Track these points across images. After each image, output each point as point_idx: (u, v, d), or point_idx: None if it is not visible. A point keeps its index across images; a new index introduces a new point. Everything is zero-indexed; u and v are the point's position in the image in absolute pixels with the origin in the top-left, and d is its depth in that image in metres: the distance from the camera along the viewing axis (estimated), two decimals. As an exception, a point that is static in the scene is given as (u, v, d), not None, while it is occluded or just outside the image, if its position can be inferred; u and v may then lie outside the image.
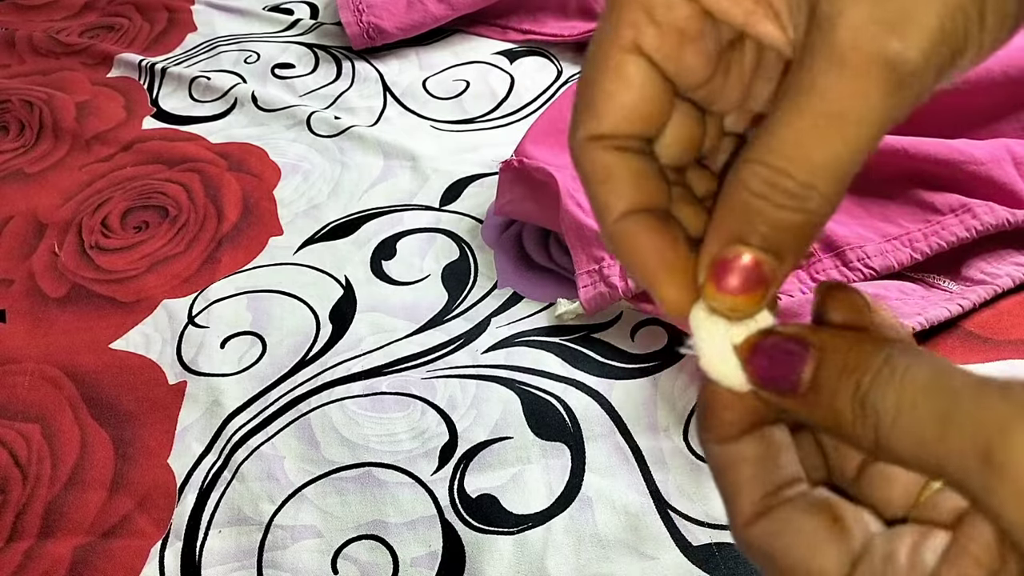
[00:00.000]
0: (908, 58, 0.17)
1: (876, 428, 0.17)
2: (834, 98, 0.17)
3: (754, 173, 0.18)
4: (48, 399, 0.52)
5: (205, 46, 0.85)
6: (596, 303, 0.50)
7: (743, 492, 0.20)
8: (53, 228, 0.65)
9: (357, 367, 0.52)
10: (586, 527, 0.44)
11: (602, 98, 0.20)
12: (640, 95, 0.20)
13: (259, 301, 0.58)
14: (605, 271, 0.50)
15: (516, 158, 0.57)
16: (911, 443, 0.17)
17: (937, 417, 0.17)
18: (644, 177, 0.21)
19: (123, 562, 0.44)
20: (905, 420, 0.17)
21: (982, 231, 0.49)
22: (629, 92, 0.20)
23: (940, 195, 0.51)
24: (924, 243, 0.49)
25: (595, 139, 0.20)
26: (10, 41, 0.87)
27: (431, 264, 0.59)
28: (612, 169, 0.20)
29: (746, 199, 0.18)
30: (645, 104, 0.20)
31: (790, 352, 0.19)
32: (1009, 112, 0.55)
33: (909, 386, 0.17)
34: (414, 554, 0.44)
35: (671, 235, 0.20)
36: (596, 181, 0.21)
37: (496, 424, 0.49)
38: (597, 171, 0.20)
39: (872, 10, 0.17)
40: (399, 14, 0.80)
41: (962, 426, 0.16)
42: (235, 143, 0.72)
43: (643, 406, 0.49)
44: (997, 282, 0.49)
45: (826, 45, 0.17)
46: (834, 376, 0.18)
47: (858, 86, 0.17)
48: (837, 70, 0.17)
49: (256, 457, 0.48)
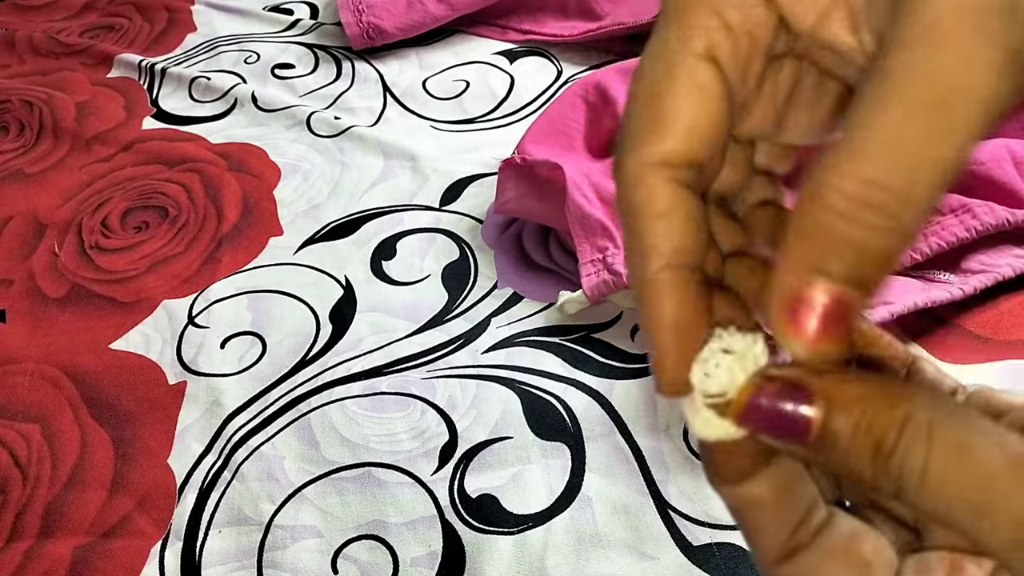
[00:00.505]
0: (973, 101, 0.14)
1: (900, 488, 0.16)
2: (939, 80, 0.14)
3: (836, 188, 0.15)
4: (48, 399, 0.52)
5: (205, 46, 0.85)
6: (599, 291, 0.50)
7: (766, 535, 0.19)
8: (53, 228, 0.65)
9: (357, 367, 0.52)
10: (586, 527, 0.44)
11: (671, 111, 0.17)
12: (712, 111, 0.18)
13: (259, 301, 0.58)
14: (608, 259, 0.50)
15: (518, 155, 0.57)
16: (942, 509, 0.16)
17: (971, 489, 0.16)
18: (697, 224, 0.18)
19: (123, 562, 0.44)
20: (934, 487, 0.16)
21: (982, 231, 0.49)
22: (702, 106, 0.17)
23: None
24: (923, 243, 0.49)
25: (659, 165, 0.18)
26: (10, 41, 0.87)
27: (431, 264, 0.59)
28: (671, 207, 0.18)
29: (826, 222, 0.15)
30: (715, 121, 0.18)
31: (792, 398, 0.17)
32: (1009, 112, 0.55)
33: (937, 451, 0.16)
34: (414, 554, 0.44)
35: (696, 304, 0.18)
36: (650, 216, 0.18)
37: (496, 424, 0.49)
38: (653, 205, 0.18)
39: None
40: (399, 14, 0.80)
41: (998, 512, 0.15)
42: (235, 143, 0.72)
43: (643, 406, 0.49)
44: (997, 270, 0.49)
45: (922, 24, 0.14)
46: (847, 431, 0.17)
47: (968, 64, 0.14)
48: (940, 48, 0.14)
49: (256, 457, 0.48)
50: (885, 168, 0.14)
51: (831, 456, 0.17)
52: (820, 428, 0.17)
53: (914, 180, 0.14)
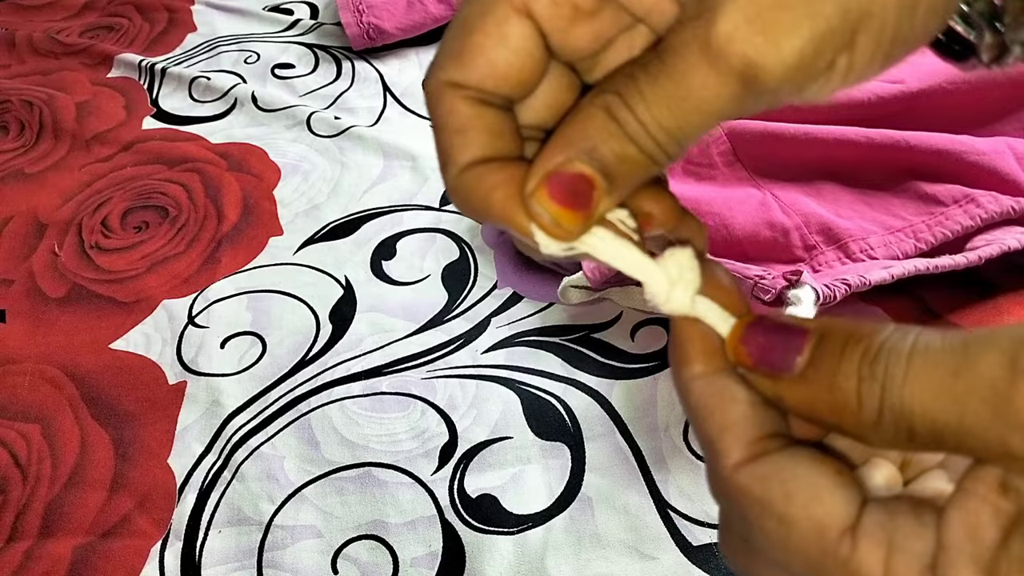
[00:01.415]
0: (770, 69, 0.17)
1: (883, 392, 0.17)
2: (693, 85, 0.18)
3: (615, 103, 0.18)
4: (48, 399, 0.52)
5: (205, 46, 0.85)
6: (600, 272, 0.49)
7: (733, 431, 0.19)
8: (53, 228, 0.65)
9: (357, 367, 0.52)
10: (586, 527, 0.44)
11: (474, 49, 0.19)
12: (515, 58, 0.20)
13: (259, 301, 0.58)
14: None
15: None
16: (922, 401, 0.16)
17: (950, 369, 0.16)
18: (499, 132, 0.20)
19: (123, 562, 0.44)
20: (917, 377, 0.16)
21: (987, 219, 0.48)
22: (504, 52, 0.19)
23: (942, 186, 0.50)
24: (928, 233, 0.49)
25: (457, 86, 0.20)
26: (10, 41, 0.87)
27: (431, 264, 0.59)
28: (469, 121, 0.20)
29: (602, 121, 0.18)
30: (517, 68, 0.20)
31: (787, 333, 0.18)
32: (1009, 112, 0.55)
33: (920, 346, 0.16)
34: (414, 554, 0.44)
35: (519, 167, 0.20)
36: (449, 130, 0.20)
37: (496, 424, 0.49)
38: (453, 120, 0.20)
39: (749, 13, 0.17)
40: (399, 14, 0.80)
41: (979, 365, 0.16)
42: (235, 143, 0.72)
43: (643, 406, 0.49)
44: (1003, 242, 0.47)
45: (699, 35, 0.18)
46: (836, 350, 0.18)
47: (716, 81, 0.18)
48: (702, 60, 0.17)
49: (256, 457, 0.48)
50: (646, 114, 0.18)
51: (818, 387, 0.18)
52: (809, 356, 0.18)
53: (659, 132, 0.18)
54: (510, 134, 0.20)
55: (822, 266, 0.50)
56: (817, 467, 0.18)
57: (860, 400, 0.17)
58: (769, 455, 0.19)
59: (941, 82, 0.54)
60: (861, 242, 0.49)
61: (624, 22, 0.21)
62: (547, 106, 0.21)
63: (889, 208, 0.51)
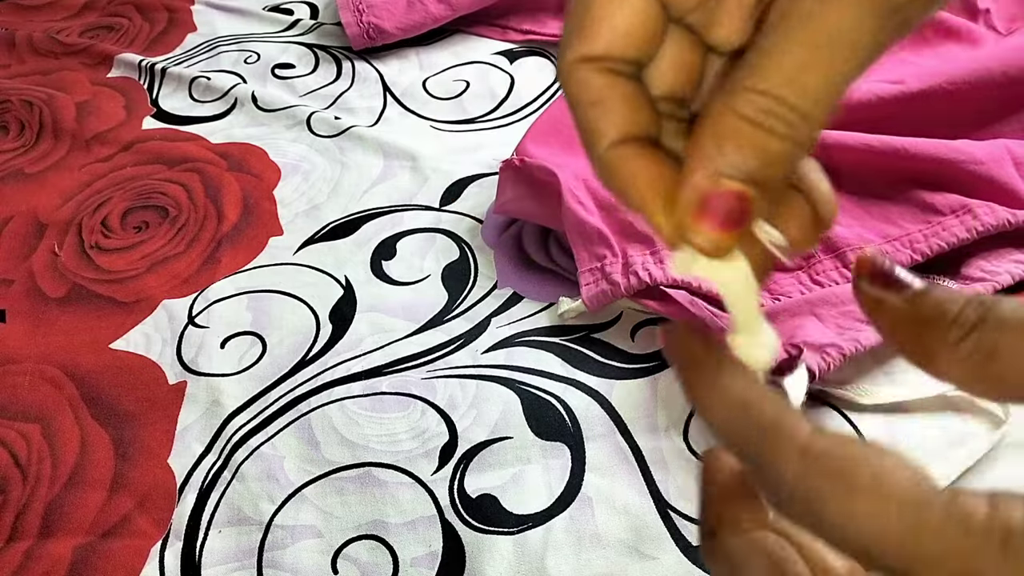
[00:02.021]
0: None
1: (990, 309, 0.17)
2: (829, 25, 0.17)
3: (749, 101, 0.18)
4: (48, 399, 0.52)
5: (205, 46, 0.85)
6: (598, 300, 0.50)
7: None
8: (53, 228, 0.65)
9: (357, 367, 0.52)
10: (586, 527, 0.44)
11: (596, 19, 0.20)
12: (635, 17, 0.20)
13: (259, 301, 0.58)
14: (607, 268, 0.50)
15: (517, 157, 0.57)
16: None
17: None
18: (636, 103, 0.20)
19: (123, 562, 0.44)
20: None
21: (983, 231, 0.49)
22: (623, 13, 0.20)
23: (940, 195, 0.51)
24: (924, 244, 0.49)
25: (586, 60, 0.20)
26: (10, 41, 0.87)
27: (431, 264, 0.59)
28: (604, 92, 0.20)
29: (738, 126, 0.18)
30: (640, 26, 0.20)
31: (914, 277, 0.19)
32: (1009, 113, 0.55)
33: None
34: (414, 554, 0.44)
35: (665, 164, 0.20)
36: (587, 104, 0.20)
37: (496, 424, 0.49)
38: (588, 93, 0.20)
39: None
40: (399, 14, 0.80)
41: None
42: (235, 143, 0.72)
43: (643, 406, 0.49)
44: (996, 279, 0.49)
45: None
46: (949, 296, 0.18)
47: (853, 11, 0.17)
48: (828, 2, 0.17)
49: (256, 457, 0.48)
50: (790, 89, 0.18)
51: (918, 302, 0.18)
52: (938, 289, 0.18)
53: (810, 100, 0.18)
54: (646, 103, 0.21)
55: (820, 275, 0.50)
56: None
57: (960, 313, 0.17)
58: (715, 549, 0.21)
59: (941, 83, 0.54)
60: (858, 252, 0.49)
61: None
62: (673, 72, 0.21)
63: (887, 216, 0.51)
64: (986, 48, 0.60)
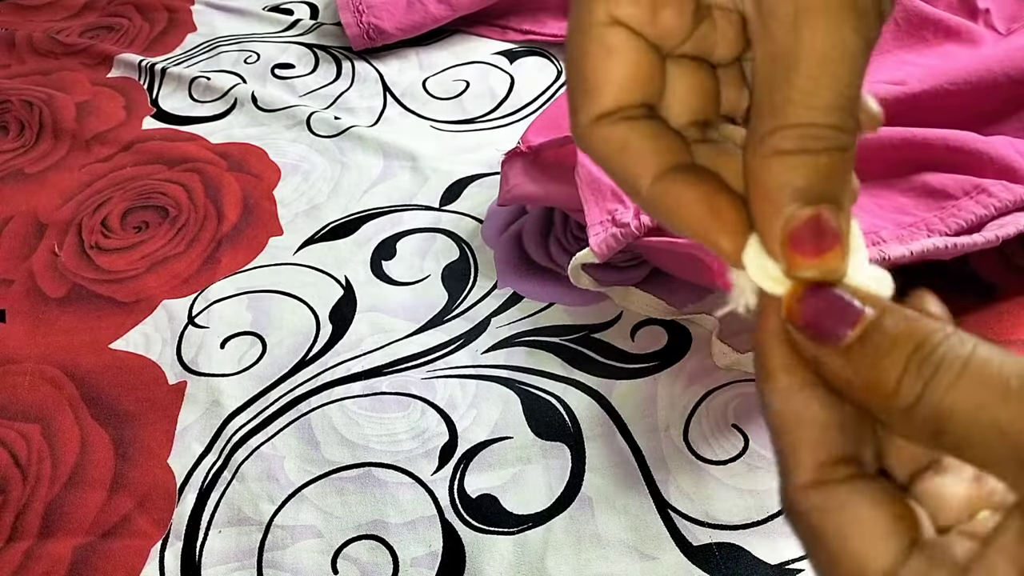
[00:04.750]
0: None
1: (927, 387, 0.17)
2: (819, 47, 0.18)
3: (784, 137, 0.18)
4: (48, 399, 0.52)
5: (205, 46, 0.85)
6: (608, 245, 0.48)
7: (803, 451, 0.19)
8: (53, 228, 0.65)
9: (357, 367, 0.52)
10: (586, 527, 0.44)
11: (594, 76, 0.20)
12: (630, 64, 0.20)
13: (259, 301, 0.58)
14: (617, 216, 0.49)
15: (523, 144, 0.57)
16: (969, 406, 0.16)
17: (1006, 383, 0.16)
18: (661, 138, 0.21)
19: (123, 562, 0.44)
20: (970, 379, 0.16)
21: (1000, 208, 0.47)
22: (619, 63, 0.20)
23: (951, 177, 0.49)
24: (942, 225, 0.47)
25: (600, 118, 0.20)
26: (10, 41, 0.87)
27: (431, 264, 0.59)
28: (627, 138, 0.20)
29: (786, 160, 0.18)
30: (637, 72, 0.20)
31: (844, 307, 0.19)
32: (1010, 113, 0.55)
33: (980, 352, 0.17)
34: (414, 554, 0.44)
35: (710, 184, 0.20)
36: (615, 155, 0.20)
37: (496, 424, 0.49)
38: (611, 144, 0.20)
39: None
40: (399, 15, 0.80)
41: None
42: (235, 143, 0.72)
43: (643, 406, 0.49)
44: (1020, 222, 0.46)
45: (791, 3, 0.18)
46: (889, 337, 0.18)
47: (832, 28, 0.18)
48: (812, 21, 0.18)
49: (256, 457, 0.48)
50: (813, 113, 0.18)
51: (859, 364, 0.18)
52: (860, 332, 0.18)
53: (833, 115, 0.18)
54: (670, 135, 0.21)
55: None
56: (876, 509, 0.18)
57: (899, 387, 0.17)
58: (833, 485, 0.19)
59: (943, 83, 0.54)
60: (873, 235, 0.48)
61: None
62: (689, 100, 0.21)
63: (900, 207, 0.50)
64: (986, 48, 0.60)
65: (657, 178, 0.20)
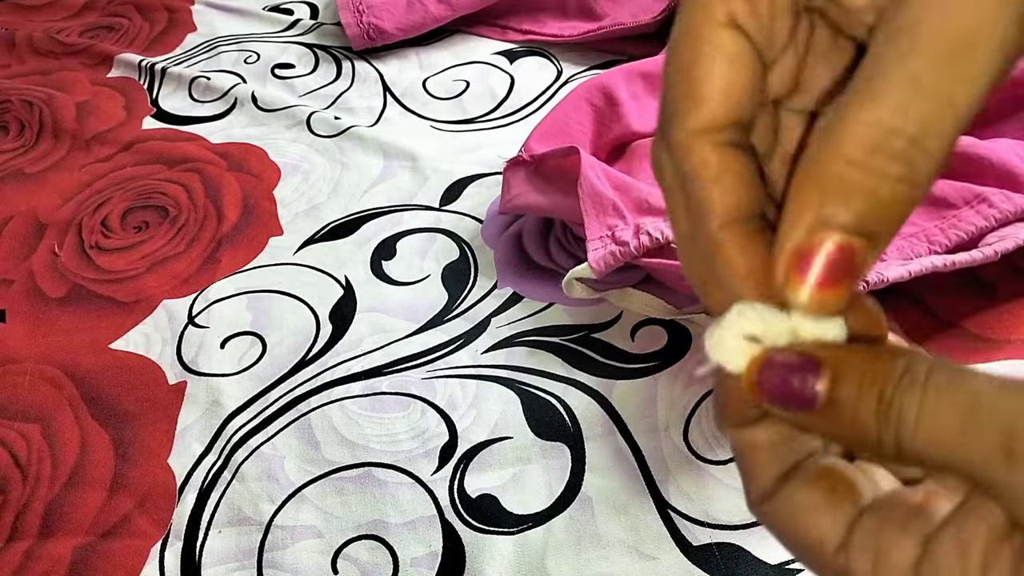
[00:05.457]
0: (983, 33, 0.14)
1: (898, 434, 0.17)
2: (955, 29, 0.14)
3: (853, 136, 0.15)
4: (48, 399, 0.52)
5: (205, 46, 0.85)
6: (606, 262, 0.49)
7: (755, 476, 0.20)
8: (53, 228, 0.65)
9: (357, 367, 0.52)
10: (586, 527, 0.44)
11: (706, 82, 0.18)
12: (742, 73, 0.18)
13: (259, 301, 0.58)
14: (617, 233, 0.49)
15: (526, 153, 0.57)
16: (933, 444, 0.16)
17: (959, 416, 0.16)
18: (748, 179, 0.19)
19: (123, 562, 0.44)
20: (927, 422, 0.16)
21: (1001, 219, 0.47)
22: (731, 71, 0.18)
23: (952, 186, 0.49)
24: (942, 236, 0.47)
25: (703, 132, 0.18)
26: (10, 41, 0.87)
27: (431, 264, 0.59)
28: (724, 170, 0.18)
29: (839, 171, 0.15)
30: (750, 84, 0.18)
31: (801, 369, 0.18)
32: (1010, 113, 0.55)
33: (931, 390, 0.16)
34: (414, 554, 0.44)
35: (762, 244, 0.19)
36: (707, 179, 0.18)
37: (496, 424, 0.49)
38: (708, 171, 0.18)
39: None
40: (399, 15, 0.80)
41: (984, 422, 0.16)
42: (235, 143, 0.72)
43: (643, 406, 0.49)
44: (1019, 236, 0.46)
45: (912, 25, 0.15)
46: (854, 391, 0.17)
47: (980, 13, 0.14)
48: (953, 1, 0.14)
49: (256, 457, 0.48)
50: (904, 115, 0.15)
51: (839, 424, 0.18)
52: (828, 392, 0.17)
53: (931, 126, 0.15)
54: (757, 176, 0.19)
55: None
56: (809, 492, 0.19)
57: (880, 439, 0.17)
58: (778, 492, 0.20)
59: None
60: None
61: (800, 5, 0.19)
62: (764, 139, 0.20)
63: None
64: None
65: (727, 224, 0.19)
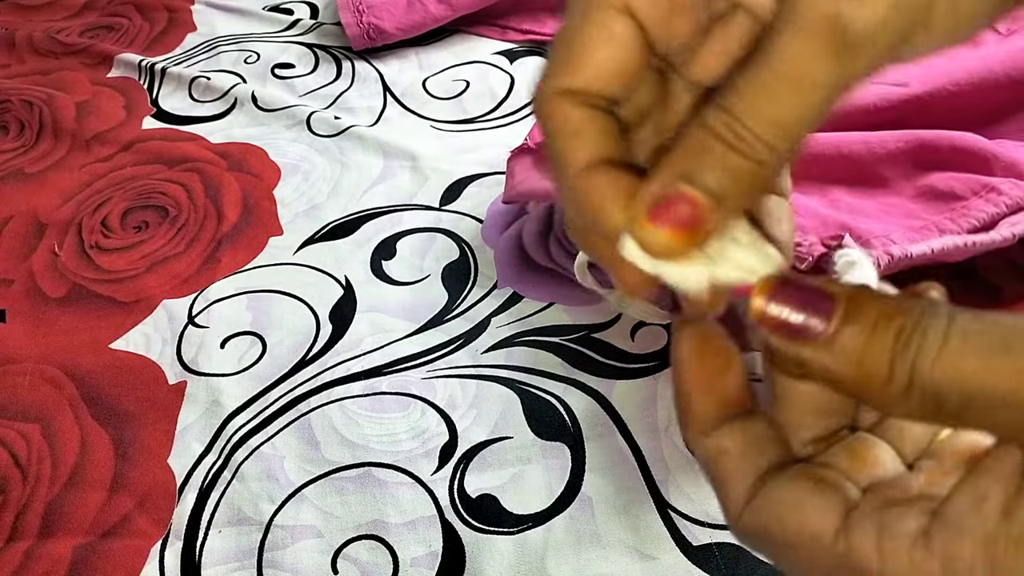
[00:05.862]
0: (860, 22, 0.16)
1: (915, 368, 0.17)
2: (788, 60, 0.17)
3: (717, 116, 0.18)
4: (48, 399, 0.52)
5: (205, 46, 0.85)
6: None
7: (730, 482, 0.20)
8: (53, 228, 0.65)
9: (357, 367, 0.52)
10: (586, 527, 0.44)
11: (581, 53, 0.20)
12: (622, 56, 0.20)
13: (259, 301, 0.58)
14: None
15: (531, 141, 0.57)
16: (956, 377, 0.16)
17: (986, 348, 0.16)
18: (610, 135, 0.21)
19: (123, 562, 0.44)
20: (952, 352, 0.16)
21: (1011, 205, 0.46)
22: (611, 51, 0.20)
23: (958, 178, 0.49)
24: (954, 225, 0.47)
25: (566, 93, 0.20)
26: (10, 41, 0.87)
27: (431, 264, 0.59)
28: (582, 124, 0.20)
29: (703, 138, 0.18)
30: (625, 65, 0.20)
31: (814, 298, 0.18)
32: (1012, 113, 0.55)
33: (957, 323, 0.17)
34: (414, 554, 0.44)
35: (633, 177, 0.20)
36: (564, 135, 0.20)
37: (496, 424, 0.49)
38: (567, 125, 0.20)
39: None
40: (399, 14, 0.80)
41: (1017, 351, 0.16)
42: (235, 143, 0.72)
43: (643, 406, 0.49)
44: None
45: (788, 6, 0.17)
46: (868, 325, 0.17)
47: (810, 49, 0.17)
48: (793, 31, 0.17)
49: (256, 457, 0.48)
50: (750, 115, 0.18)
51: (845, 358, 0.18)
52: (842, 316, 0.18)
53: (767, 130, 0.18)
54: (618, 136, 0.21)
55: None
56: (794, 489, 0.19)
57: (891, 373, 0.17)
58: (760, 492, 0.20)
59: (945, 84, 0.54)
60: (884, 239, 0.47)
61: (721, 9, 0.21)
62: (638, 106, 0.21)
63: (909, 212, 0.50)
64: (988, 49, 0.60)
65: (586, 167, 0.20)
